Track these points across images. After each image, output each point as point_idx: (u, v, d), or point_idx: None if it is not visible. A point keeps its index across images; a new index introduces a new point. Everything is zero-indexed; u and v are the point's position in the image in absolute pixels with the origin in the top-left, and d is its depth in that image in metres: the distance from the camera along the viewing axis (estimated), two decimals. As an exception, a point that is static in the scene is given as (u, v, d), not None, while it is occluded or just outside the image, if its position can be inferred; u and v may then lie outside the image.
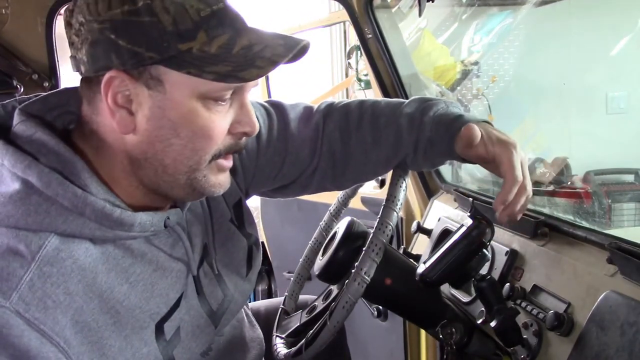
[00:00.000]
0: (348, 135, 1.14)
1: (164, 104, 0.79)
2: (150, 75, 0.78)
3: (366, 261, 0.99)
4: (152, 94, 0.79)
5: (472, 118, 1.06)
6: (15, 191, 0.78)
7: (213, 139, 0.82)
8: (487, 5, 2.96)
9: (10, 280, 0.75)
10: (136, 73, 0.78)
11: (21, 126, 0.82)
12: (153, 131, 0.81)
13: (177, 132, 0.80)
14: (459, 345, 1.14)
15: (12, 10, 1.46)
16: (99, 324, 0.80)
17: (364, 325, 2.00)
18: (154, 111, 0.80)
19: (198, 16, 0.77)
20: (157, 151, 0.82)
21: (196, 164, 0.83)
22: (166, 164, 0.83)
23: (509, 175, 0.97)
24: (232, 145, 0.87)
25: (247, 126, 0.86)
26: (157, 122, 0.80)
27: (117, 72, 0.77)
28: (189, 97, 0.79)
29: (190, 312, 0.94)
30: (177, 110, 0.80)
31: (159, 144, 0.81)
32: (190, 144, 0.81)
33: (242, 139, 0.88)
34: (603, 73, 2.84)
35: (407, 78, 1.87)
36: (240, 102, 0.85)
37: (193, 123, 0.80)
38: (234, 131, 0.85)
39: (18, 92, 1.48)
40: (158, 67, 0.78)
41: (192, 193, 0.87)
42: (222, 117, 0.83)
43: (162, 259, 0.90)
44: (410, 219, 1.79)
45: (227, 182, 0.90)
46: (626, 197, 2.30)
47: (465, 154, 1.03)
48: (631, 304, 0.88)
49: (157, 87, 0.79)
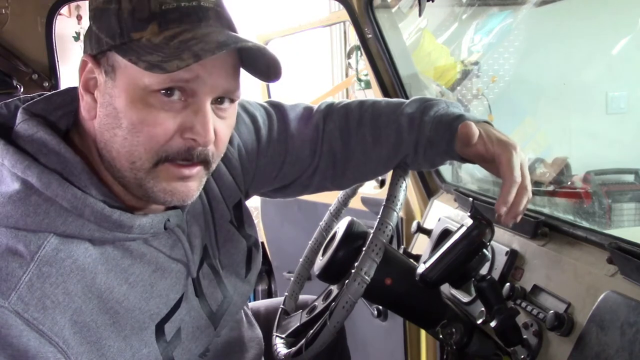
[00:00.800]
0: (348, 135, 1.13)
1: (113, 92, 0.80)
2: (107, 61, 0.80)
3: (366, 261, 0.99)
4: (106, 80, 0.80)
5: (473, 118, 1.06)
6: (15, 191, 0.78)
7: (153, 137, 0.79)
8: (487, 5, 2.96)
9: (9, 281, 0.75)
10: (100, 58, 0.80)
11: (23, 125, 0.82)
12: (103, 118, 0.81)
13: (120, 121, 0.79)
14: (459, 345, 1.14)
15: (12, 10, 1.46)
16: (97, 324, 0.80)
17: (364, 325, 2.00)
18: (105, 98, 0.80)
19: (158, 8, 0.77)
20: (106, 140, 0.81)
21: (138, 161, 0.80)
22: (113, 157, 0.81)
23: (508, 176, 0.96)
24: (182, 151, 0.80)
25: (197, 134, 0.79)
26: (106, 109, 0.80)
27: (87, 57, 0.81)
28: (133, 87, 0.78)
29: (190, 313, 0.94)
30: (122, 99, 0.79)
31: (106, 133, 0.81)
32: (129, 137, 0.79)
33: (195, 149, 0.81)
34: (603, 73, 2.83)
35: (407, 78, 1.87)
36: (198, 106, 0.80)
37: (134, 115, 0.78)
38: (184, 136, 0.80)
39: (18, 92, 1.48)
40: (113, 54, 0.79)
41: (146, 197, 0.83)
42: (169, 117, 0.79)
43: (162, 259, 0.90)
44: (410, 219, 1.79)
45: (186, 193, 0.84)
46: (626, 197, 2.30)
47: (465, 152, 1.03)
48: (631, 304, 0.88)
49: (110, 74, 0.80)
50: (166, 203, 0.84)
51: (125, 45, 0.78)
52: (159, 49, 0.76)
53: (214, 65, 0.79)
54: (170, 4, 0.78)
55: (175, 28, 0.78)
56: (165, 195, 0.82)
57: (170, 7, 0.78)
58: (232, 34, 0.81)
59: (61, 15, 1.62)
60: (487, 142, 0.99)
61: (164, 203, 0.84)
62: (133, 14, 0.77)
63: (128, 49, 0.77)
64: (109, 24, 0.78)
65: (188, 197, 0.84)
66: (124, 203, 0.85)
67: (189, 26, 0.78)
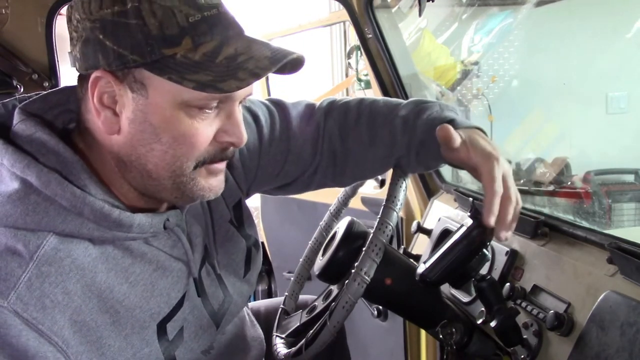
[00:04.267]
0: (347, 133, 1.13)
1: (146, 108, 0.79)
2: (134, 78, 0.78)
3: (366, 261, 0.99)
4: (135, 97, 0.78)
5: (464, 123, 1.03)
6: (14, 191, 0.78)
7: (195, 146, 0.81)
8: (487, 5, 2.96)
9: (9, 280, 0.75)
10: (121, 75, 0.78)
11: (21, 125, 0.82)
12: (135, 134, 0.80)
13: (159, 137, 0.79)
14: (459, 345, 1.14)
15: (12, 10, 1.46)
16: (97, 324, 0.80)
17: (364, 325, 2.00)
18: (136, 114, 0.79)
19: (186, 22, 0.76)
20: (140, 155, 0.81)
21: (179, 170, 0.82)
22: (149, 169, 0.82)
23: (489, 188, 0.93)
24: (217, 154, 0.84)
25: (233, 137, 0.84)
26: (139, 125, 0.79)
27: (103, 72, 0.78)
28: (171, 103, 0.78)
29: (193, 312, 0.94)
30: (159, 115, 0.78)
31: (141, 148, 0.81)
32: (171, 150, 0.80)
33: (229, 149, 0.86)
34: (603, 73, 2.83)
35: (407, 78, 1.87)
36: (229, 111, 0.83)
37: (175, 129, 0.79)
38: (219, 140, 0.83)
39: (18, 92, 1.48)
40: (142, 70, 0.77)
41: (181, 197, 0.85)
42: (207, 125, 0.81)
43: (163, 258, 0.90)
44: (410, 219, 1.79)
45: (219, 186, 0.88)
46: (626, 197, 2.30)
47: (448, 157, 1.01)
48: (631, 304, 0.88)
49: (140, 91, 0.78)
50: (203, 199, 0.87)
51: (158, 62, 0.76)
52: (206, 67, 0.76)
53: None
54: (195, 15, 0.77)
55: (209, 41, 0.78)
56: (204, 192, 0.86)
57: (197, 19, 0.77)
58: (270, 44, 0.82)
59: (61, 15, 1.62)
60: (470, 150, 0.96)
61: (201, 199, 0.87)
62: (161, 29, 0.75)
63: (163, 66, 0.76)
64: (134, 40, 0.75)
65: (220, 189, 0.89)
66: (124, 203, 0.85)
67: (220, 37, 0.79)
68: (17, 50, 1.48)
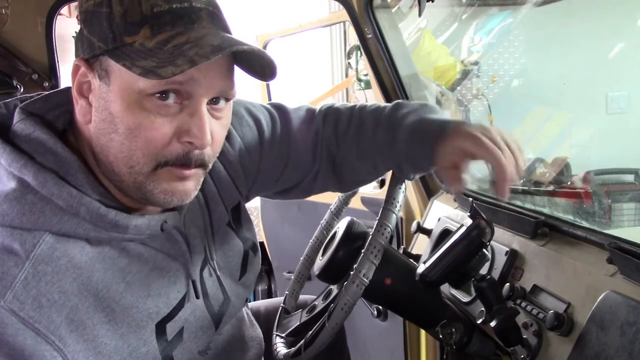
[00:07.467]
0: (342, 140, 1.13)
1: (108, 96, 0.79)
2: (100, 66, 0.79)
3: (365, 263, 0.98)
4: (100, 84, 0.79)
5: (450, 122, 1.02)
6: (10, 190, 0.78)
7: (151, 141, 0.78)
8: (487, 5, 2.96)
9: (5, 279, 0.75)
10: (92, 63, 0.80)
11: (20, 125, 0.82)
12: (99, 123, 0.80)
13: (117, 126, 0.79)
14: (459, 345, 1.14)
15: (12, 10, 1.46)
16: (94, 323, 0.80)
17: (364, 325, 2.00)
18: (100, 102, 0.80)
19: (150, 11, 0.77)
20: (103, 145, 0.81)
21: (137, 166, 0.80)
22: (110, 161, 0.81)
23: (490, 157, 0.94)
24: (180, 156, 0.80)
25: (193, 136, 0.79)
26: (101, 114, 0.80)
27: (80, 61, 0.80)
28: (129, 92, 0.78)
29: (195, 313, 0.94)
30: (118, 104, 0.78)
31: (102, 137, 0.81)
32: (127, 142, 0.79)
33: (193, 152, 0.81)
34: (603, 73, 2.84)
35: (407, 78, 1.87)
36: (193, 109, 0.80)
37: (130, 120, 0.78)
38: (180, 139, 0.80)
39: (18, 92, 1.49)
40: (106, 58, 0.78)
41: (146, 199, 0.83)
42: (165, 121, 0.78)
43: (160, 259, 0.89)
44: (410, 219, 1.79)
45: (185, 192, 0.84)
46: (626, 197, 2.30)
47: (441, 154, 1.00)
48: (631, 304, 0.87)
49: (104, 79, 0.79)
50: (165, 204, 0.84)
51: (118, 49, 0.77)
52: (153, 54, 0.75)
53: (208, 66, 0.78)
54: (161, 6, 0.77)
55: (168, 31, 0.77)
56: (166, 196, 0.82)
57: (162, 10, 0.77)
58: (227, 36, 0.80)
59: (61, 15, 1.62)
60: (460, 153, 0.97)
61: (163, 205, 0.84)
62: (125, 17, 0.77)
63: (121, 53, 0.77)
64: (101, 28, 0.77)
65: (187, 196, 0.84)
66: (121, 203, 0.85)
67: (182, 29, 0.78)
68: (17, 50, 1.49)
